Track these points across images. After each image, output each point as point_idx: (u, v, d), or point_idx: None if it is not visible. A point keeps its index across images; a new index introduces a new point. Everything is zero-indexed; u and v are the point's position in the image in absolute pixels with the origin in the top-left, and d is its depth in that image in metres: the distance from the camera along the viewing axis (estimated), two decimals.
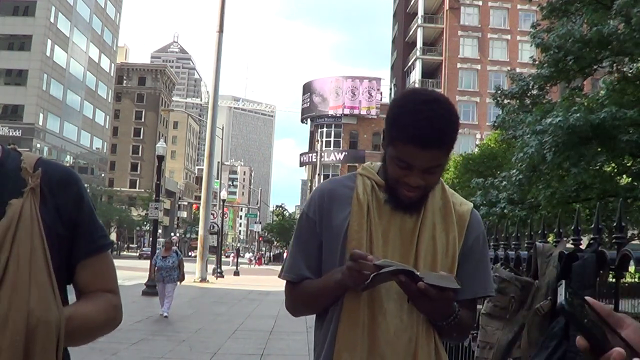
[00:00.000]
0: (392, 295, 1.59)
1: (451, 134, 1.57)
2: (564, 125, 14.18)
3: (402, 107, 1.59)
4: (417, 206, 1.65)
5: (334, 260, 1.66)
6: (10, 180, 1.31)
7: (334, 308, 1.65)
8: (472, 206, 1.78)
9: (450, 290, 1.49)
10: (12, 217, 1.26)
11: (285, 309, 1.89)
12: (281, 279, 1.77)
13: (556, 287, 2.29)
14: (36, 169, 1.34)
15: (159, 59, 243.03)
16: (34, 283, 1.24)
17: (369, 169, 1.76)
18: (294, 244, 1.76)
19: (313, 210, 1.72)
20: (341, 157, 62.31)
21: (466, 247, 1.69)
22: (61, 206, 1.36)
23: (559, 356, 2.11)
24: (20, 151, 1.41)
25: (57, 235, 1.33)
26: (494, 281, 2.42)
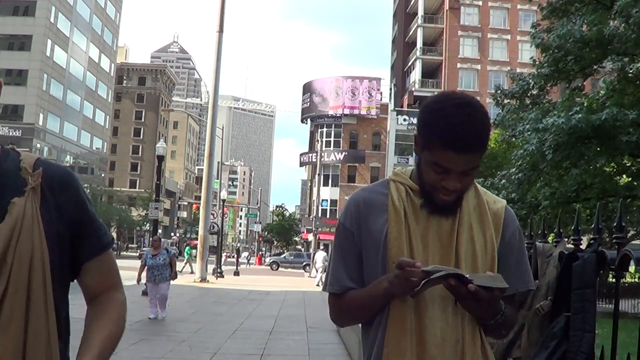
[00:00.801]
0: (436, 299, 1.61)
1: (486, 136, 1.59)
2: (566, 127, 14.18)
3: (436, 112, 1.59)
4: (454, 209, 1.66)
5: (375, 268, 1.67)
6: (10, 180, 1.32)
7: (380, 315, 1.66)
8: (506, 203, 1.79)
9: (498, 289, 1.51)
10: (17, 217, 1.28)
11: (285, 309, 1.89)
12: (326, 292, 1.77)
13: (555, 286, 2.29)
14: (36, 169, 1.35)
15: (159, 59, 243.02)
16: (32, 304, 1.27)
17: (402, 175, 1.76)
18: (334, 255, 1.76)
19: (350, 221, 1.72)
20: (341, 157, 62.29)
21: (504, 244, 1.71)
22: (62, 205, 1.37)
23: (559, 356, 2.11)
24: (19, 151, 1.42)
25: (58, 233, 1.34)
26: None
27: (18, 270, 1.25)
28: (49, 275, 1.29)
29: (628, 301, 15.59)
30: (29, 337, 1.24)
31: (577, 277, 2.14)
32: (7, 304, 1.23)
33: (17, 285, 1.25)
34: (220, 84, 26.42)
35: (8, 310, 1.23)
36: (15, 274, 1.25)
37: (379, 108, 62.05)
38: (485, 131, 1.59)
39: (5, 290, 1.24)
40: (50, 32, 65.72)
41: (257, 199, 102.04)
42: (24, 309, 1.25)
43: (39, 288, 1.27)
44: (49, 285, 1.29)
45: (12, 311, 1.24)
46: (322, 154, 57.53)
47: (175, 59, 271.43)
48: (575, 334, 2.09)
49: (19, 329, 1.23)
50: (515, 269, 1.71)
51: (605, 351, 2.25)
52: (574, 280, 2.15)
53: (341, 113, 63.16)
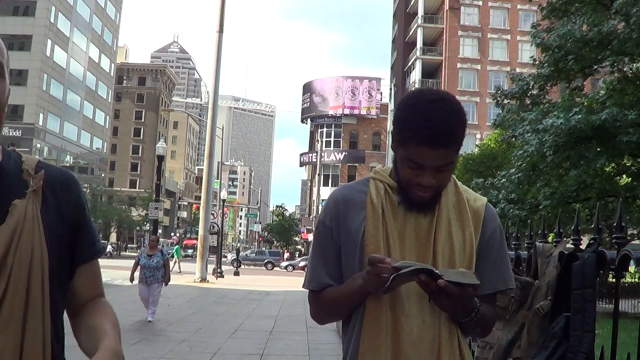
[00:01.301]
0: (413, 297, 1.60)
1: (460, 131, 1.58)
2: (565, 127, 14.19)
3: (409, 108, 1.60)
4: (431, 205, 1.66)
5: (353, 266, 1.67)
6: (12, 182, 1.33)
7: (357, 313, 1.66)
8: (487, 201, 1.78)
9: (470, 286, 1.50)
10: (18, 218, 1.28)
11: (285, 309, 1.89)
12: (305, 289, 1.78)
13: (555, 286, 2.29)
14: (37, 172, 1.36)
15: (159, 59, 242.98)
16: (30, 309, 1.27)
17: (381, 172, 1.76)
18: (313, 253, 1.77)
19: (329, 219, 1.73)
20: (341, 157, 62.30)
21: (483, 242, 1.70)
22: (63, 207, 1.38)
23: (559, 356, 2.11)
24: (21, 153, 1.42)
25: (57, 235, 1.35)
26: None
27: (18, 272, 1.25)
28: (47, 277, 1.29)
29: (628, 301, 15.59)
30: (26, 338, 1.24)
31: (577, 277, 2.14)
32: (7, 305, 1.23)
33: (17, 286, 1.25)
34: (220, 84, 26.43)
35: (7, 311, 1.23)
36: (15, 275, 1.25)
37: (379, 108, 62.09)
38: (460, 127, 1.58)
39: (5, 291, 1.24)
40: (50, 32, 65.72)
41: (257, 199, 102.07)
42: (22, 310, 1.25)
43: (37, 290, 1.27)
44: (47, 287, 1.29)
45: (11, 312, 1.24)
46: (322, 154, 57.54)
47: (175, 59, 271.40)
48: (575, 334, 2.09)
49: (17, 329, 1.24)
50: (494, 268, 1.70)
51: (605, 351, 2.25)
52: (574, 280, 2.15)
53: (341, 113, 63.19)
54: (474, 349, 2.83)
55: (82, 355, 1.43)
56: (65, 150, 71.65)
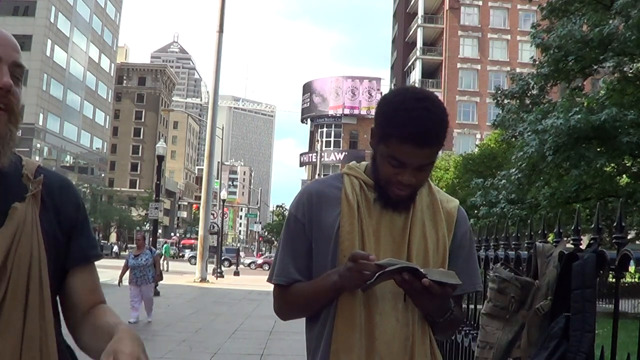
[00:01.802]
0: (387, 295, 1.59)
1: (443, 132, 1.58)
2: (565, 128, 14.20)
3: (394, 105, 1.58)
4: (407, 204, 1.65)
5: (325, 262, 1.65)
6: (12, 185, 1.32)
7: (327, 310, 1.64)
8: (459, 203, 1.78)
9: (451, 286, 1.50)
10: (18, 221, 1.28)
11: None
12: (271, 283, 1.74)
13: (555, 286, 2.29)
14: (37, 176, 1.36)
15: (159, 59, 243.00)
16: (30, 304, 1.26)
17: (356, 169, 1.74)
18: (283, 246, 1.73)
19: (302, 212, 1.69)
20: (341, 157, 62.33)
21: (455, 244, 1.71)
22: (61, 211, 1.39)
23: (559, 356, 2.11)
24: (21, 156, 1.42)
25: (55, 239, 1.35)
26: (493, 281, 2.43)
27: (17, 275, 1.25)
28: (46, 281, 1.29)
29: (628, 301, 15.60)
30: (24, 342, 1.24)
31: (577, 277, 2.14)
32: (6, 309, 1.23)
33: (16, 290, 1.25)
34: (220, 84, 26.43)
35: (6, 315, 1.23)
36: (14, 278, 1.25)
37: None
38: (443, 127, 1.58)
39: (5, 294, 1.24)
40: (50, 32, 65.71)
41: (257, 199, 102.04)
42: (22, 314, 1.25)
43: (35, 293, 1.27)
44: (46, 290, 1.29)
45: (10, 316, 1.23)
46: (322, 154, 57.50)
47: (175, 59, 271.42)
48: (575, 334, 2.09)
49: (16, 333, 1.23)
50: (463, 270, 1.70)
51: (605, 351, 2.25)
52: (574, 280, 2.15)
53: (341, 113, 63.22)
54: (474, 349, 2.83)
55: (82, 354, 1.42)
56: (65, 150, 71.65)
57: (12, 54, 1.32)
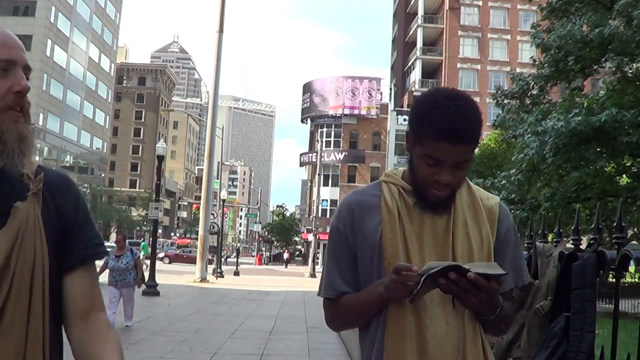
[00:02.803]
0: (435, 299, 1.60)
1: (478, 128, 1.59)
2: (565, 130, 14.19)
3: (428, 104, 1.60)
4: (447, 205, 1.65)
5: (370, 271, 1.66)
6: (13, 184, 1.33)
7: (377, 318, 1.65)
8: (500, 199, 1.78)
9: (498, 277, 1.50)
10: (20, 221, 1.28)
11: (285, 309, 1.89)
12: (321, 297, 1.76)
13: (555, 286, 2.29)
14: (37, 175, 1.37)
15: (159, 59, 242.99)
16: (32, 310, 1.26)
17: (393, 175, 1.75)
18: (328, 259, 1.75)
19: (343, 224, 1.71)
20: (341, 157, 62.30)
21: (499, 240, 1.71)
22: (62, 207, 1.39)
23: (559, 356, 2.11)
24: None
25: (57, 237, 1.35)
26: None
27: (21, 275, 1.25)
28: (47, 280, 1.29)
29: (628, 301, 15.58)
30: (28, 343, 1.24)
31: (577, 277, 2.14)
32: (10, 309, 1.23)
33: (20, 289, 1.25)
34: (220, 84, 26.42)
35: (10, 315, 1.23)
36: (17, 278, 1.25)
37: (379, 108, 62.07)
38: (478, 123, 1.59)
39: (8, 294, 1.24)
40: (50, 32, 65.71)
41: (257, 199, 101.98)
42: (25, 314, 1.25)
43: (38, 293, 1.27)
44: (47, 290, 1.29)
45: (14, 316, 1.23)
46: (322, 154, 57.47)
47: (175, 59, 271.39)
48: (575, 333, 2.09)
49: (20, 334, 1.23)
50: (511, 265, 1.71)
51: (605, 351, 2.25)
52: (574, 280, 2.15)
53: (341, 113, 63.17)
54: None
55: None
56: (65, 150, 71.64)
57: (24, 56, 1.35)
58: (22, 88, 1.31)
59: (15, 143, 1.30)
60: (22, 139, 1.31)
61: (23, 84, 1.32)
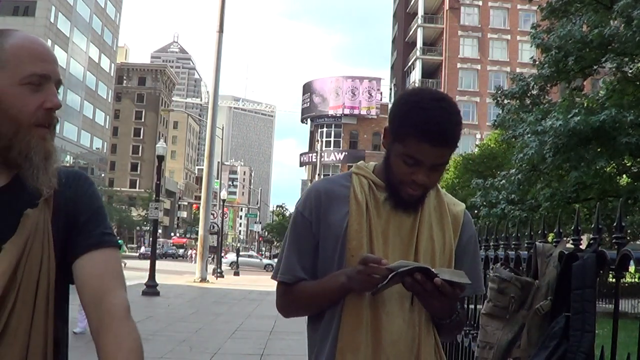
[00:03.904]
0: (394, 296, 1.59)
1: (459, 132, 1.60)
2: (565, 129, 14.20)
3: (411, 104, 1.59)
4: (417, 205, 1.65)
5: (331, 261, 1.65)
6: (27, 192, 1.30)
7: (333, 309, 1.64)
8: (465, 207, 1.79)
9: (459, 286, 1.51)
10: (30, 230, 1.26)
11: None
12: (276, 280, 1.74)
13: (555, 286, 2.30)
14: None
15: (159, 59, 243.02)
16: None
17: (365, 168, 1.74)
18: (289, 244, 1.72)
19: (309, 210, 1.69)
20: (341, 157, 62.33)
21: (460, 247, 1.72)
22: (73, 205, 1.35)
23: (559, 356, 2.11)
24: None
25: (65, 243, 1.32)
26: (493, 281, 2.43)
27: (27, 284, 1.24)
28: (52, 289, 1.28)
29: (628, 301, 15.60)
30: (29, 352, 1.23)
31: (577, 277, 2.14)
32: (14, 318, 1.22)
33: (25, 298, 1.24)
34: (220, 84, 26.42)
35: (14, 325, 1.22)
36: (24, 287, 1.24)
37: (379, 108, 62.13)
38: (459, 127, 1.59)
39: (14, 302, 1.23)
40: (50, 32, 65.71)
41: (257, 199, 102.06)
42: (29, 323, 1.24)
43: (42, 302, 1.26)
44: (51, 299, 1.28)
45: (19, 324, 1.23)
46: (322, 154, 57.52)
47: (175, 59, 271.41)
48: (575, 334, 2.09)
49: (23, 342, 1.23)
50: (469, 273, 1.69)
51: (605, 351, 2.25)
52: (574, 280, 2.15)
53: (341, 113, 63.22)
54: (474, 349, 2.83)
55: (83, 354, 1.42)
56: (65, 150, 71.64)
57: (57, 70, 1.33)
58: (53, 105, 1.29)
59: (42, 162, 1.28)
60: (48, 157, 1.29)
61: (55, 100, 1.29)
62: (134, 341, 1.34)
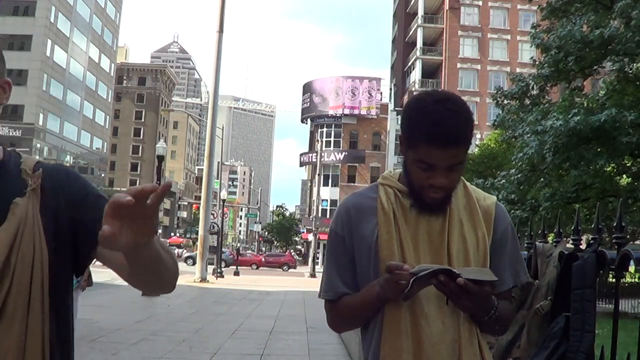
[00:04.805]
0: (431, 299, 1.61)
1: (467, 130, 1.59)
2: (565, 129, 14.20)
3: (416, 110, 1.61)
4: (443, 207, 1.66)
5: (368, 272, 1.68)
6: (12, 181, 1.34)
7: (375, 318, 1.67)
8: (496, 199, 1.79)
9: (488, 283, 1.51)
10: (20, 217, 1.29)
11: (285, 309, 1.89)
12: (321, 299, 1.78)
13: (555, 286, 2.29)
14: (35, 171, 1.37)
15: (159, 59, 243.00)
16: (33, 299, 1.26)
17: (390, 178, 1.77)
18: (327, 262, 1.78)
19: (341, 227, 1.74)
20: (341, 157, 62.30)
21: (496, 241, 1.71)
22: (67, 199, 1.37)
23: (559, 356, 2.11)
24: (20, 153, 1.43)
25: (55, 234, 1.34)
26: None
27: (21, 271, 1.26)
28: (47, 276, 1.30)
29: (628, 301, 15.58)
30: (28, 337, 1.25)
31: (577, 277, 2.14)
32: (10, 304, 1.25)
33: (20, 285, 1.26)
34: (220, 84, 26.41)
35: (11, 310, 1.24)
36: (18, 274, 1.26)
37: (379, 108, 62.08)
38: (467, 125, 1.59)
39: (9, 290, 1.25)
40: (50, 32, 65.70)
41: (257, 199, 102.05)
42: (26, 309, 1.26)
43: (37, 289, 1.28)
44: (46, 285, 1.30)
45: (15, 311, 1.25)
46: (322, 154, 57.48)
47: (175, 59, 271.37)
48: (575, 334, 2.09)
49: (21, 328, 1.25)
50: (508, 265, 1.72)
51: (605, 351, 2.25)
52: (574, 280, 2.15)
53: (341, 113, 63.17)
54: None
55: (83, 354, 1.42)
56: (65, 150, 71.63)
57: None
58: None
59: None
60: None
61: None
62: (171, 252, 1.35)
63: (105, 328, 10.05)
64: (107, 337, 9.22)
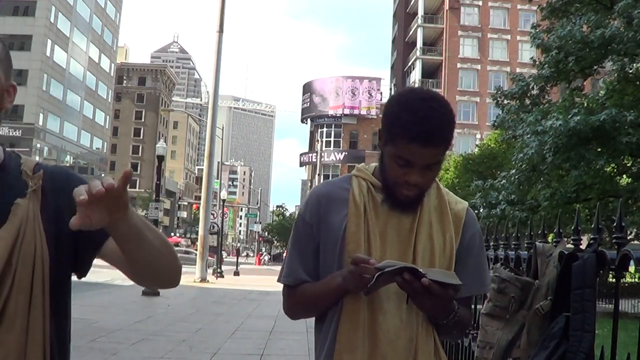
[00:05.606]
0: (391, 296, 1.60)
1: (449, 130, 1.59)
2: (565, 129, 14.20)
3: (400, 105, 1.60)
4: (414, 205, 1.65)
5: (332, 263, 1.67)
6: (13, 182, 1.34)
7: (333, 310, 1.65)
8: (467, 205, 1.79)
9: (452, 286, 1.50)
10: (21, 217, 1.30)
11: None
12: (280, 283, 1.77)
13: (555, 286, 2.29)
14: (36, 172, 1.37)
15: (159, 59, 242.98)
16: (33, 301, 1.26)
17: (364, 170, 1.75)
18: (291, 247, 1.76)
19: (310, 214, 1.72)
20: (341, 157, 62.33)
21: (463, 246, 1.71)
22: (67, 201, 1.36)
23: (559, 356, 2.11)
24: (20, 154, 1.44)
25: (56, 234, 1.35)
26: (493, 281, 2.43)
27: (22, 270, 1.27)
28: (47, 276, 1.31)
29: (628, 301, 15.59)
30: (29, 337, 1.26)
31: (577, 277, 2.14)
32: (11, 304, 1.25)
33: (21, 285, 1.26)
34: (220, 84, 26.40)
35: (12, 310, 1.25)
36: (19, 274, 1.27)
37: (379, 108, 62.05)
38: (449, 126, 1.59)
39: (10, 289, 1.25)
40: (50, 32, 65.70)
41: (257, 199, 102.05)
42: (27, 309, 1.27)
43: (38, 288, 1.29)
44: (47, 285, 1.30)
45: (17, 311, 1.25)
46: (322, 154, 57.52)
47: (175, 59, 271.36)
48: (575, 334, 2.09)
49: (22, 328, 1.26)
50: (473, 272, 1.71)
51: (605, 351, 2.25)
52: (574, 280, 2.15)
53: (341, 113, 63.21)
54: (474, 349, 2.83)
55: (83, 354, 1.42)
56: (65, 150, 71.64)
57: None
58: None
59: None
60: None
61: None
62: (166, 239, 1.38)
63: (105, 328, 10.05)
64: (107, 337, 9.22)
